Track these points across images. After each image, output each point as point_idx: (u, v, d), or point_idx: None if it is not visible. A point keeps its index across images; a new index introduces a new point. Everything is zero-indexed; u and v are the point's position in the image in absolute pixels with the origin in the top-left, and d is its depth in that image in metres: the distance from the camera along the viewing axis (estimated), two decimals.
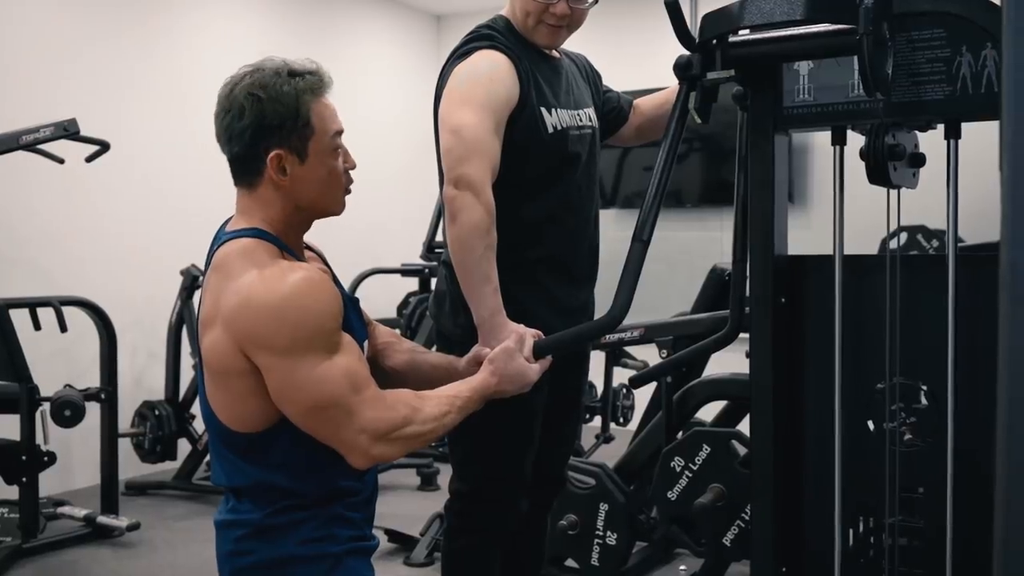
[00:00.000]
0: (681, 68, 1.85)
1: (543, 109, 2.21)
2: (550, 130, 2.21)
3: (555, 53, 2.36)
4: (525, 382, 1.90)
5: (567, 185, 2.27)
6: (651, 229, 1.86)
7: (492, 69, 2.15)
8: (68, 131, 4.08)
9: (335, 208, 1.78)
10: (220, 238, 1.72)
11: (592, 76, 2.49)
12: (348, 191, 1.79)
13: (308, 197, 1.72)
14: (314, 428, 1.61)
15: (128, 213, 5.28)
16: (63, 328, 3.94)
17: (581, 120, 2.31)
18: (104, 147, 4.28)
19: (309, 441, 1.63)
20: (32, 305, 4.00)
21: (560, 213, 2.27)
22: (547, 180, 2.24)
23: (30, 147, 4.07)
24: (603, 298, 2.13)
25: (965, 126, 1.79)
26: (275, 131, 1.66)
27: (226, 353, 1.61)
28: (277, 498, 1.66)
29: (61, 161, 4.22)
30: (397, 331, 2.13)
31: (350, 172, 1.78)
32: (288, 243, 1.73)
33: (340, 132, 1.74)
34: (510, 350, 1.89)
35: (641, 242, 1.86)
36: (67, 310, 4.04)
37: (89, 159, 4.31)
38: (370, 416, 1.61)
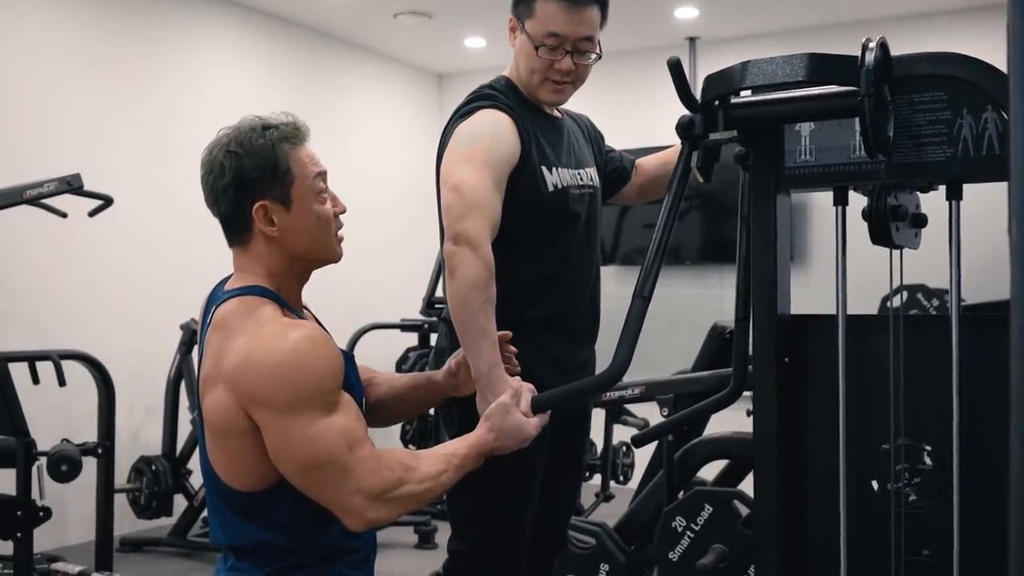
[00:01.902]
0: (684, 128, 1.86)
1: (544, 168, 2.22)
2: (550, 189, 2.22)
3: (557, 113, 2.38)
4: (523, 437, 1.86)
5: (567, 244, 2.27)
6: (652, 285, 1.85)
7: (494, 128, 2.17)
8: (72, 186, 4.10)
9: (329, 254, 1.77)
10: (218, 297, 1.72)
11: (594, 136, 2.50)
12: (340, 238, 1.79)
13: (299, 245, 1.72)
14: (309, 487, 1.60)
15: (127, 267, 5.30)
16: (62, 382, 3.92)
17: (582, 179, 2.32)
18: (107, 202, 4.30)
19: (309, 501, 1.61)
20: (31, 359, 3.98)
21: (560, 272, 2.27)
22: (547, 239, 2.25)
23: (33, 201, 4.09)
24: (604, 356, 2.11)
25: (967, 185, 1.79)
26: (256, 183, 1.67)
27: (228, 411, 1.60)
28: (277, 557, 1.65)
29: (64, 215, 4.24)
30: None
31: (341, 217, 1.78)
32: (287, 299, 1.73)
33: (322, 174, 1.75)
34: (506, 405, 1.85)
35: (642, 298, 1.85)
36: (66, 364, 4.02)
37: (92, 214, 4.32)
38: (365, 475, 1.59)
